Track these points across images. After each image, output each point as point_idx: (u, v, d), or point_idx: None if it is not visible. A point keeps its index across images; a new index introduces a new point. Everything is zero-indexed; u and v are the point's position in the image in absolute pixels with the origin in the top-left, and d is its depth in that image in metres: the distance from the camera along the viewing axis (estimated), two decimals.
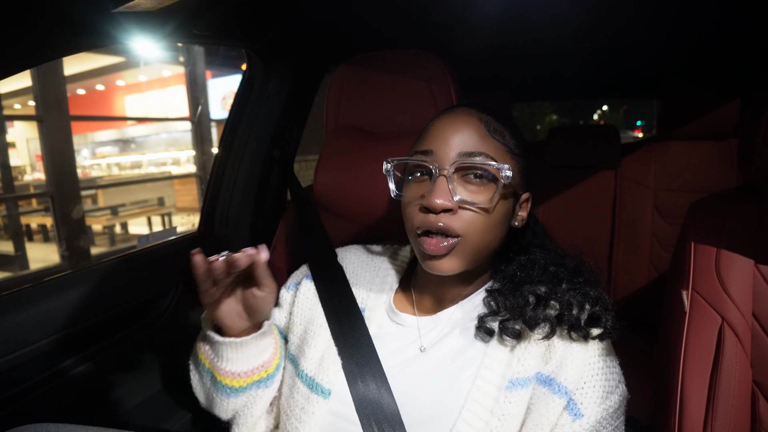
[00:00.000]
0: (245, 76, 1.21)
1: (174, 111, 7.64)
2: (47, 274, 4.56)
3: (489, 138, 0.61)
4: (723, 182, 1.52)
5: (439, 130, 0.62)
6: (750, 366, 0.66)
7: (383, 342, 0.67)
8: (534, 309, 0.60)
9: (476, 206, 0.59)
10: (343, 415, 0.63)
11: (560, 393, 0.55)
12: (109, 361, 0.97)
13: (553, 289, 0.62)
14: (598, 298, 0.61)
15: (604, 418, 0.55)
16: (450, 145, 0.60)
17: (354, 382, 0.63)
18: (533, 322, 0.58)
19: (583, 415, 0.55)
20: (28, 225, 6.02)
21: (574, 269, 0.64)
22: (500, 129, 0.62)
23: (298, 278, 0.80)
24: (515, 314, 0.60)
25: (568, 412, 0.55)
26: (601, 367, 0.57)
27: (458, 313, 0.66)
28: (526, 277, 0.64)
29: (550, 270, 0.64)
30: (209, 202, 1.25)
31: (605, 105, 14.23)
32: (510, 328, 0.59)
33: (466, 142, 0.60)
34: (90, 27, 0.70)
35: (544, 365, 0.58)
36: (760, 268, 0.68)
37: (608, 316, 0.59)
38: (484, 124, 0.61)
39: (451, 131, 0.61)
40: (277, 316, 0.78)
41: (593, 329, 0.58)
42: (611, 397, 0.56)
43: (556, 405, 0.55)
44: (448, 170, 0.58)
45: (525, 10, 1.03)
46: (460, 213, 0.59)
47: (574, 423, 0.54)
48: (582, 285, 0.62)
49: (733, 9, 1.03)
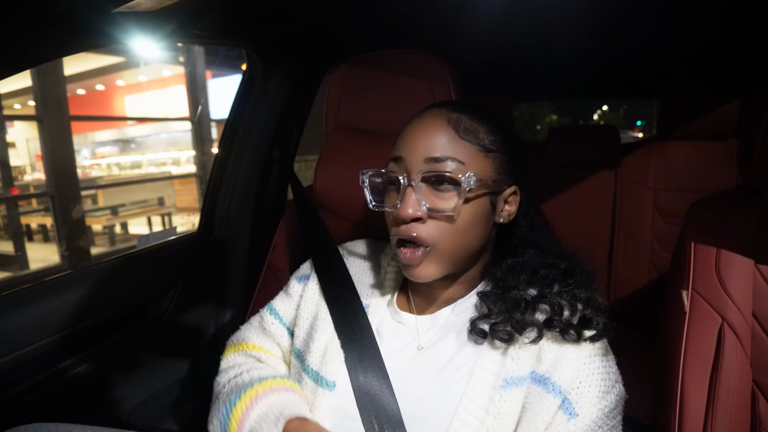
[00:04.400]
0: (245, 76, 1.21)
1: (174, 111, 7.64)
2: (47, 274, 4.56)
3: (458, 140, 0.60)
4: (723, 182, 1.52)
5: (408, 136, 0.62)
6: (750, 366, 0.66)
7: (384, 339, 0.68)
8: (522, 313, 0.60)
9: (443, 214, 0.58)
10: (347, 411, 0.63)
11: (554, 392, 0.55)
12: (109, 361, 0.98)
13: (544, 292, 0.61)
14: (588, 300, 0.60)
15: (599, 417, 0.55)
16: (418, 151, 0.59)
17: (355, 374, 0.64)
18: (520, 327, 0.59)
19: (578, 415, 0.55)
20: (28, 225, 6.02)
21: (566, 271, 0.64)
22: (473, 127, 0.61)
23: (308, 272, 0.80)
24: (505, 318, 0.60)
25: (563, 412, 0.55)
26: (597, 367, 0.57)
27: (453, 314, 0.66)
28: (514, 281, 0.63)
29: (540, 273, 0.63)
30: (209, 202, 1.26)
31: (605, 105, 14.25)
32: (500, 332, 0.59)
33: (434, 147, 0.59)
34: (90, 27, 0.70)
35: (538, 364, 0.58)
36: (760, 268, 0.68)
37: (599, 318, 0.59)
38: (453, 126, 0.60)
39: (419, 136, 0.60)
40: (285, 308, 0.78)
41: (585, 331, 0.58)
42: (607, 397, 0.56)
43: (551, 404, 0.55)
44: (415, 180, 0.59)
45: (525, 10, 1.03)
46: (430, 222, 0.59)
47: (569, 422, 0.54)
48: (573, 286, 0.62)
49: (733, 9, 1.03)
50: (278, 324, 0.77)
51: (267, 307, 0.80)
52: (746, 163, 0.77)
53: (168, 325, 1.11)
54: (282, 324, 0.77)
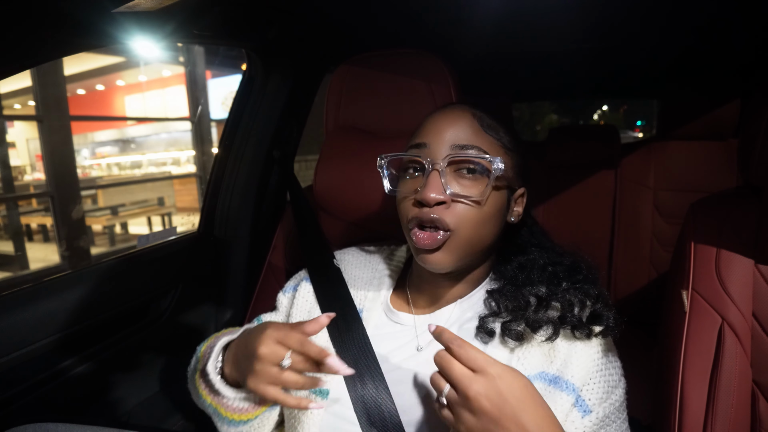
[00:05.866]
0: (245, 76, 1.21)
1: (174, 111, 7.64)
2: (47, 274, 4.56)
3: (482, 133, 0.61)
4: (723, 182, 1.53)
5: (433, 124, 0.63)
6: (750, 366, 0.66)
7: (381, 341, 0.67)
8: (536, 311, 0.60)
9: (469, 199, 0.59)
10: (343, 415, 0.63)
11: (568, 390, 0.55)
12: (109, 361, 0.98)
13: (554, 290, 0.62)
14: (598, 296, 0.61)
15: (612, 412, 0.56)
16: (443, 138, 0.60)
17: (352, 382, 0.63)
18: (536, 325, 0.58)
19: (591, 411, 0.55)
20: (28, 225, 6.02)
21: (572, 267, 0.64)
22: (494, 125, 0.63)
23: (296, 281, 0.80)
24: (517, 316, 0.60)
25: (577, 409, 0.55)
26: (605, 363, 0.58)
27: (456, 312, 0.66)
28: (526, 279, 0.64)
29: (548, 270, 0.64)
30: (209, 202, 1.26)
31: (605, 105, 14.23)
32: (512, 330, 0.59)
33: (460, 136, 0.60)
34: (90, 27, 0.70)
35: (548, 364, 0.58)
36: (760, 268, 0.68)
37: (609, 313, 0.59)
38: (478, 120, 0.62)
39: (445, 125, 0.61)
40: (273, 318, 0.78)
41: (595, 327, 0.59)
42: (615, 392, 0.57)
43: (565, 402, 0.55)
44: (440, 164, 0.59)
45: (525, 10, 1.03)
46: (453, 206, 0.59)
47: (583, 419, 0.54)
48: (582, 283, 0.62)
49: (733, 9, 1.03)
50: None
51: (256, 320, 0.80)
52: (746, 163, 0.77)
53: (168, 325, 1.11)
54: None
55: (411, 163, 0.63)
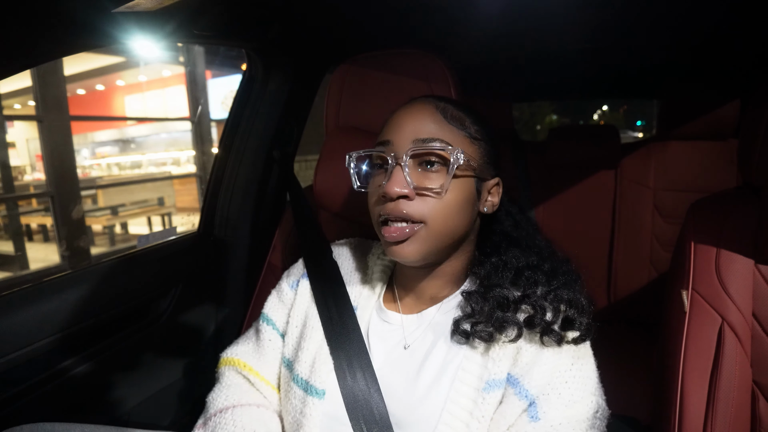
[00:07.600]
0: (245, 76, 1.21)
1: (174, 111, 7.64)
2: (47, 274, 4.56)
3: (446, 125, 0.61)
4: (723, 182, 1.52)
5: (396, 120, 0.63)
6: (750, 366, 0.66)
7: (372, 340, 0.68)
8: (503, 311, 0.60)
9: (432, 191, 0.59)
10: (336, 416, 0.63)
11: (521, 395, 0.56)
12: (109, 361, 0.98)
13: (527, 293, 0.61)
14: (571, 301, 0.60)
15: (561, 424, 0.55)
16: (405, 133, 0.60)
17: (344, 378, 0.64)
18: (499, 325, 0.58)
19: (540, 419, 0.55)
20: (28, 225, 6.02)
21: (550, 271, 0.63)
22: (459, 116, 0.63)
23: (297, 276, 0.80)
24: (488, 317, 0.60)
25: (527, 414, 0.55)
26: (573, 376, 0.57)
27: (438, 314, 0.66)
28: (498, 279, 0.63)
29: (525, 274, 0.63)
30: (209, 202, 1.26)
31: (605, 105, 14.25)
32: (480, 331, 0.59)
33: (422, 129, 0.60)
34: (90, 27, 0.70)
35: (513, 366, 0.58)
36: (760, 268, 0.68)
37: (582, 318, 0.58)
38: (441, 112, 0.62)
39: (408, 119, 0.62)
40: (278, 313, 0.78)
41: (568, 333, 0.58)
42: (577, 407, 0.55)
43: (516, 407, 0.55)
44: (403, 159, 0.59)
45: (525, 10, 1.03)
46: (419, 199, 0.59)
47: (529, 424, 0.55)
48: (557, 288, 0.61)
49: (733, 9, 1.03)
50: (276, 335, 0.76)
51: (262, 316, 0.79)
52: (746, 163, 0.77)
53: (168, 325, 1.11)
54: (278, 334, 0.76)
55: (377, 160, 0.64)
